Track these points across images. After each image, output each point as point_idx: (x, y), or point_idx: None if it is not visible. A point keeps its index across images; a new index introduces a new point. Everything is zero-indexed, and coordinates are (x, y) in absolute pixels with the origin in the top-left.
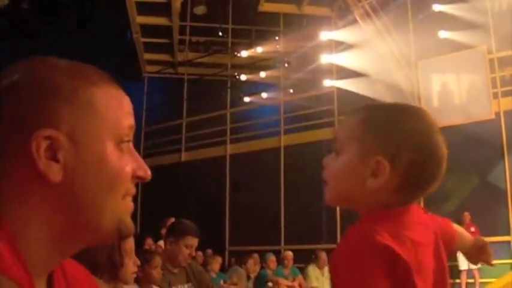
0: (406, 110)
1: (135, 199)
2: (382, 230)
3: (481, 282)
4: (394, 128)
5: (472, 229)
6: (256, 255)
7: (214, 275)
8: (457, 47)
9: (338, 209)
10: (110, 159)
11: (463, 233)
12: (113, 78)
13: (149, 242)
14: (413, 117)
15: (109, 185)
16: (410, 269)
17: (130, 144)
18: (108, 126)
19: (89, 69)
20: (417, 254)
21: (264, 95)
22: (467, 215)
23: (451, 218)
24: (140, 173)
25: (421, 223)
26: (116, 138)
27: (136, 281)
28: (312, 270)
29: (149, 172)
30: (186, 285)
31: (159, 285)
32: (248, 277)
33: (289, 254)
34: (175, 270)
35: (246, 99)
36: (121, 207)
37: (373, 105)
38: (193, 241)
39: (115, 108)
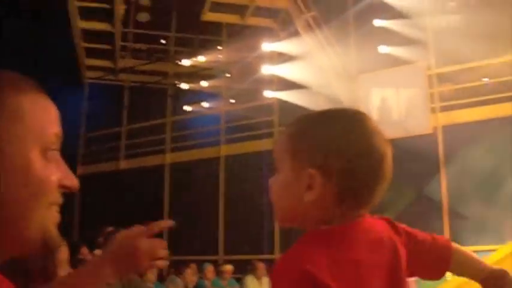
0: (336, 115)
1: (72, 206)
2: (316, 252)
3: None
4: (321, 136)
5: None
6: (194, 265)
7: (151, 286)
8: (397, 62)
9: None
10: (35, 168)
11: (469, 257)
12: (39, 87)
13: (84, 252)
14: (343, 122)
15: (34, 194)
16: None
17: (57, 153)
18: (33, 134)
19: (15, 76)
20: (360, 276)
21: (205, 104)
22: None
23: None
24: (67, 183)
25: (373, 241)
26: (41, 147)
27: None
28: (250, 280)
29: (76, 182)
30: None
31: None
32: (185, 287)
33: (229, 268)
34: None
35: (187, 108)
36: (46, 217)
37: (303, 115)
38: None
39: (41, 116)
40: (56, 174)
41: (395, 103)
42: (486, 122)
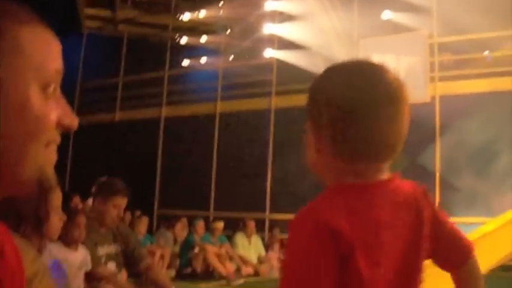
0: (343, 66)
1: (65, 156)
2: (335, 204)
3: None
4: (320, 89)
5: None
6: (184, 220)
7: (141, 237)
8: (399, 29)
9: (269, 177)
10: (33, 104)
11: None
12: (40, 19)
13: (76, 201)
14: (344, 75)
15: (30, 132)
16: (354, 248)
17: (58, 90)
18: (33, 68)
19: (15, 7)
20: (378, 236)
21: (204, 59)
22: None
23: None
24: (66, 121)
25: (398, 203)
26: (41, 82)
27: (61, 239)
28: (240, 238)
29: (76, 121)
30: (112, 246)
31: (84, 244)
32: (175, 241)
33: (219, 225)
34: (102, 230)
35: (185, 62)
36: (43, 156)
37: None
38: (122, 201)
39: (42, 50)
40: (55, 112)
41: (395, 69)
42: (484, 95)
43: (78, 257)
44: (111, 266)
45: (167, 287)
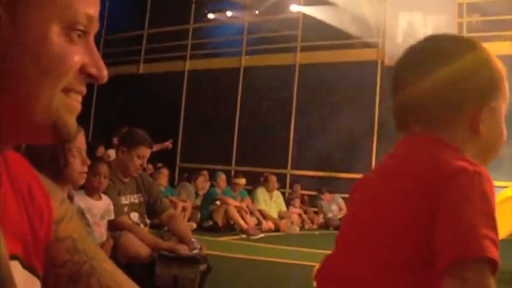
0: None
1: (88, 107)
2: None
3: None
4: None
5: None
6: (205, 173)
7: (162, 189)
8: None
9: (291, 134)
10: (52, 42)
11: None
12: None
13: (101, 151)
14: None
15: (47, 70)
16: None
17: (90, 38)
18: (57, 6)
19: None
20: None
21: (229, 13)
22: None
23: None
24: (92, 70)
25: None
26: (64, 22)
27: (85, 189)
28: (261, 193)
29: (104, 72)
30: (135, 195)
31: (107, 194)
32: (197, 194)
33: (242, 181)
34: (126, 180)
35: (210, 15)
36: (60, 101)
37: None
38: (146, 151)
39: None
40: (80, 57)
41: (421, 29)
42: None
43: (101, 206)
44: (134, 215)
45: (188, 238)
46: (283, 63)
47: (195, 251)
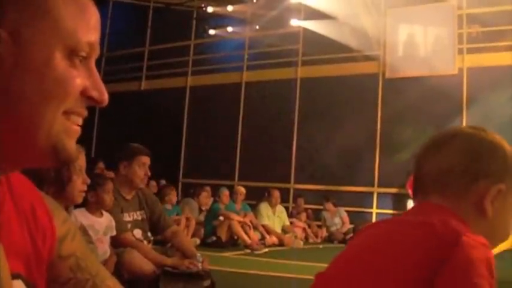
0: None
1: (91, 125)
2: None
3: None
4: None
5: None
6: (208, 188)
7: (170, 207)
8: None
9: (294, 148)
10: (55, 66)
11: None
12: None
13: (101, 166)
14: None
15: (50, 92)
16: None
17: (91, 62)
18: (60, 33)
19: None
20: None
21: (230, 29)
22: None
23: (404, 168)
24: (94, 94)
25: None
26: (67, 48)
27: (86, 206)
28: (264, 207)
29: (105, 96)
30: (138, 212)
31: (110, 212)
32: (200, 210)
33: (241, 189)
34: (129, 197)
35: (211, 31)
36: (61, 124)
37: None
38: (146, 159)
39: (74, 18)
40: (82, 80)
41: (422, 41)
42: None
43: (102, 223)
44: (137, 232)
45: (191, 253)
46: (285, 77)
47: (199, 265)
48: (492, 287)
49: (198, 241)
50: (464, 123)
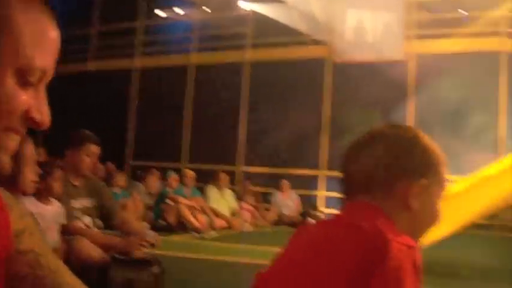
0: None
1: None
2: None
3: None
4: None
5: None
6: (157, 172)
7: (118, 191)
8: None
9: (242, 131)
10: (5, 84)
11: None
12: (51, 10)
13: (42, 152)
14: None
15: None
16: None
17: (42, 85)
18: (16, 55)
19: None
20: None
21: (178, 10)
22: None
23: None
24: (36, 115)
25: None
26: (19, 70)
27: (35, 194)
28: (212, 190)
29: (47, 119)
30: (87, 199)
31: (59, 199)
32: (148, 193)
33: (190, 173)
34: (77, 183)
35: (159, 13)
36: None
37: None
38: (94, 148)
39: (33, 41)
40: (27, 101)
41: (371, 26)
42: (459, 56)
43: (51, 210)
44: (86, 219)
45: (142, 234)
46: (233, 60)
47: (151, 240)
48: (418, 286)
49: (147, 225)
50: (410, 109)
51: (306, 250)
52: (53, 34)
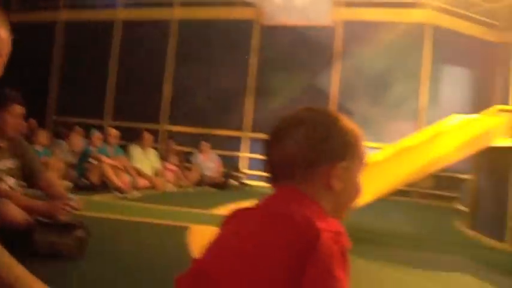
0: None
1: None
2: None
3: None
4: None
5: None
6: (80, 130)
7: (40, 149)
8: None
9: (167, 90)
10: None
11: None
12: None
13: None
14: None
15: None
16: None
17: None
18: None
19: None
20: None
21: None
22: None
23: (277, 114)
24: None
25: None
26: None
27: None
28: (135, 150)
29: None
30: (11, 160)
31: None
32: (71, 152)
33: (114, 131)
34: (1, 144)
35: None
36: None
37: None
38: (19, 109)
39: None
40: None
41: None
42: (385, 24)
43: None
44: (10, 181)
45: (66, 198)
46: (160, 18)
47: (74, 204)
48: (348, 271)
49: (70, 184)
50: (335, 75)
51: (246, 242)
52: (4, 34)
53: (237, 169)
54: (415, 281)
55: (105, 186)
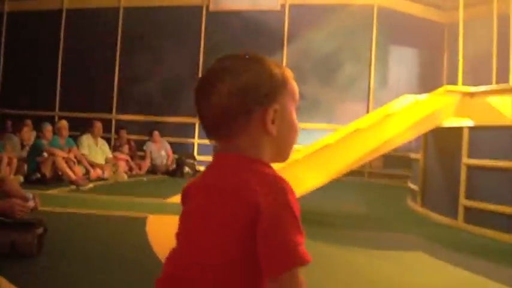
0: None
1: None
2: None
3: None
4: None
5: None
6: (29, 122)
7: None
8: None
9: (116, 79)
10: None
11: None
12: None
13: None
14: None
15: None
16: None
17: None
18: None
19: None
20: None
21: None
22: None
23: None
24: None
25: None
26: None
27: None
28: (86, 139)
29: None
30: None
31: None
32: (22, 145)
33: (64, 123)
34: None
35: None
36: None
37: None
38: None
39: None
40: None
41: None
42: (334, 6)
43: None
44: None
45: (21, 195)
46: (107, 5)
47: (31, 203)
48: (298, 225)
49: (21, 179)
50: (284, 58)
51: (202, 228)
52: None
53: (191, 156)
54: (368, 261)
55: (58, 179)
